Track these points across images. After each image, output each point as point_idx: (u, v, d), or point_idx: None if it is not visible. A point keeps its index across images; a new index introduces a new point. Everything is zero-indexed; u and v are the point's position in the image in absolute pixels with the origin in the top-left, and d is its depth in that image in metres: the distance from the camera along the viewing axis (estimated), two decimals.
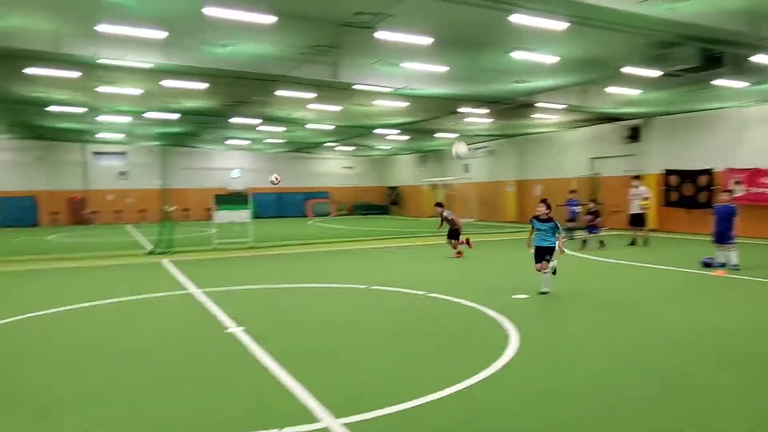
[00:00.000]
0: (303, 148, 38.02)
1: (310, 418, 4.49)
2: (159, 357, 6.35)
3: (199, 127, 27.25)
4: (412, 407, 4.67)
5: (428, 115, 23.61)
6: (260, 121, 24.96)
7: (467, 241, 15.81)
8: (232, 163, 39.25)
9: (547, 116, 23.56)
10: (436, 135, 29.32)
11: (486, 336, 7.04)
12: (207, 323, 7.91)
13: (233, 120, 24.47)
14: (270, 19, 10.73)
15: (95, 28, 11.35)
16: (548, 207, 9.57)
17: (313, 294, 10.15)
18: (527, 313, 8.26)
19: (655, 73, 16.16)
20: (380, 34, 11.70)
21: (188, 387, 5.34)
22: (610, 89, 19.02)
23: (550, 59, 15.03)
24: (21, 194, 32.68)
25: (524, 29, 11.56)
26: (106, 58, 13.31)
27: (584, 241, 17.02)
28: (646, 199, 17.47)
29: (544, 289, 9.46)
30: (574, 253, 15.28)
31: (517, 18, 10.55)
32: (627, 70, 15.88)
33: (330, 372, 5.70)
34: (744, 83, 17.10)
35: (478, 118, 24.10)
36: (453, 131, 28.00)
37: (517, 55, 13.93)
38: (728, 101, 19.51)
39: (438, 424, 4.39)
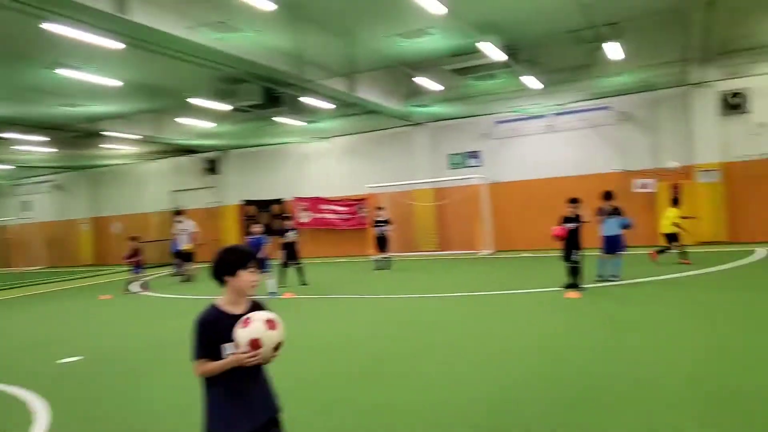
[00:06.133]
0: None
1: None
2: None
3: None
4: None
5: None
6: None
7: None
8: None
9: (120, 146, 21.66)
10: None
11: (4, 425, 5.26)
12: None
13: None
14: None
15: None
16: None
17: None
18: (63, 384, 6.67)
19: (225, 107, 16.55)
20: None
21: None
22: (184, 120, 18.74)
23: (112, 82, 13.69)
24: None
25: (68, 43, 9.99)
26: None
27: (129, 282, 14.65)
28: (193, 233, 16.05)
29: None
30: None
31: (52, 27, 8.94)
32: (196, 101, 15.79)
33: None
34: (301, 122, 19.19)
35: (33, 146, 20.44)
36: (2, 162, 23.19)
37: (66, 73, 12.11)
38: (291, 137, 21.62)
39: None
